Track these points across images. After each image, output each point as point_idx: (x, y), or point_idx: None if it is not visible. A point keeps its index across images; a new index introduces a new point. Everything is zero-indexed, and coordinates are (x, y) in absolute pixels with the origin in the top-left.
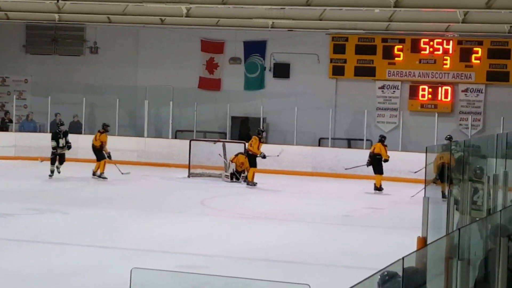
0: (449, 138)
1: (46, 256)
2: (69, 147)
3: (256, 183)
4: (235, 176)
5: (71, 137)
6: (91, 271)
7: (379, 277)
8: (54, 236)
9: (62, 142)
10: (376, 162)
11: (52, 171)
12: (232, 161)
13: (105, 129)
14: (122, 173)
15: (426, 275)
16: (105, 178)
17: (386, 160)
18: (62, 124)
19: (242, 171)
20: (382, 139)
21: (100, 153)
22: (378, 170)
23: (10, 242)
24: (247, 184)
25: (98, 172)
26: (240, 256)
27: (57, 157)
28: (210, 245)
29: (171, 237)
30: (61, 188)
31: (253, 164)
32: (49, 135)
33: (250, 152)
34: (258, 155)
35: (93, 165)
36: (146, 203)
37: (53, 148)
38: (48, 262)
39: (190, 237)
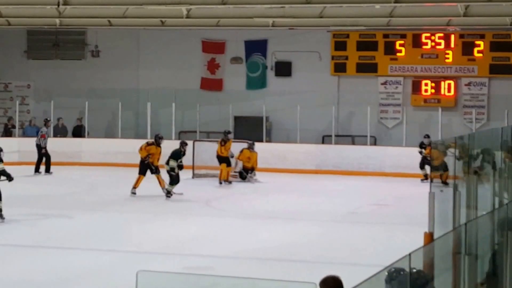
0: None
1: (52, 260)
2: (180, 168)
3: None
4: (243, 174)
5: (74, 141)
6: (97, 274)
7: (386, 273)
8: (59, 240)
9: (179, 161)
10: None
11: (168, 191)
12: (238, 159)
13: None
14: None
15: (431, 277)
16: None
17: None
18: (186, 144)
19: (250, 169)
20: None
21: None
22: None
23: (15, 247)
24: (222, 182)
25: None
26: (246, 256)
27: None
28: (215, 245)
29: (176, 239)
30: (65, 192)
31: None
32: (52, 140)
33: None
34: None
35: (96, 169)
36: (150, 205)
37: (171, 168)
38: (53, 267)
39: (195, 238)
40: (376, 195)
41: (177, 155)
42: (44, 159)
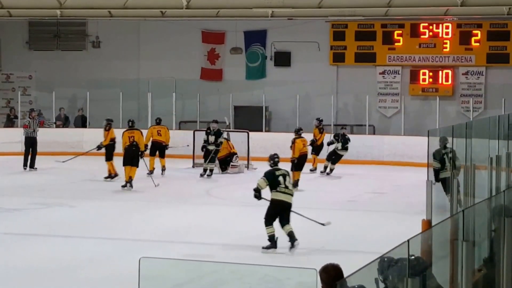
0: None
1: (54, 249)
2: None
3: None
4: (222, 166)
5: (76, 131)
6: (99, 262)
7: (377, 265)
8: (62, 229)
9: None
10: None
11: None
12: None
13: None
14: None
15: (429, 263)
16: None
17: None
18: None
19: (226, 156)
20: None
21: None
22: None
23: (18, 236)
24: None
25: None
26: (246, 244)
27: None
28: (216, 234)
29: (177, 227)
30: (67, 182)
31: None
32: (54, 130)
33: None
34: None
35: (98, 158)
36: (151, 194)
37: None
38: (56, 255)
39: (196, 226)
40: (375, 183)
41: None
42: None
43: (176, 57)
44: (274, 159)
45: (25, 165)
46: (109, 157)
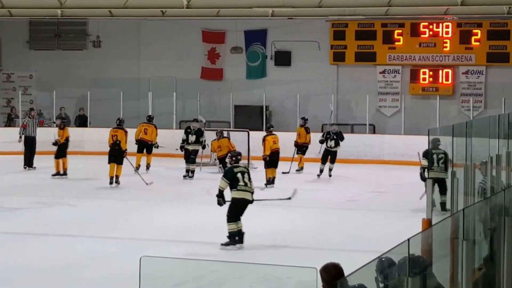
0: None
1: (55, 248)
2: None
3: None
4: (223, 165)
5: (76, 131)
6: (100, 261)
7: (376, 265)
8: (62, 228)
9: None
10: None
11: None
12: (212, 152)
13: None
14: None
15: (429, 262)
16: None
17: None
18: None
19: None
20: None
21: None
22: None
23: (19, 235)
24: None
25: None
26: (247, 243)
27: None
28: (216, 233)
29: (178, 226)
30: (68, 181)
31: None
32: (55, 129)
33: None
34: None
35: (98, 157)
36: (152, 194)
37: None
38: (57, 254)
39: (196, 225)
40: (375, 182)
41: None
42: None
43: (177, 57)
44: (236, 157)
45: (25, 164)
46: (59, 155)
